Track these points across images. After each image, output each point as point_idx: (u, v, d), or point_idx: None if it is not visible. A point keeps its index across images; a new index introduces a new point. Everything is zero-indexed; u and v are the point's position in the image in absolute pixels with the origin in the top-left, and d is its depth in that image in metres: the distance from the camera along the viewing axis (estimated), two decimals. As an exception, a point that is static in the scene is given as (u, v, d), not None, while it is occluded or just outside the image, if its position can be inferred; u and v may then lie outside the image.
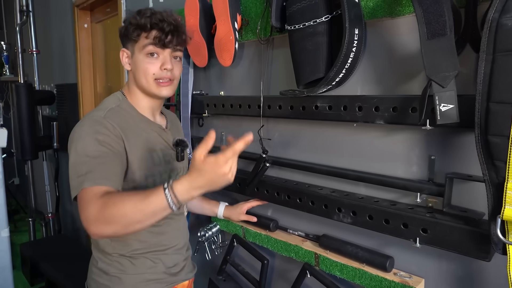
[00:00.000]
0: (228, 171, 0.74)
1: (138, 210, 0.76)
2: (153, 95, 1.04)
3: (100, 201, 0.79)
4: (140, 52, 0.99)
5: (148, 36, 0.97)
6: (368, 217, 0.98)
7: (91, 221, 0.78)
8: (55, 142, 2.97)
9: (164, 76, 1.00)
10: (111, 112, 0.98)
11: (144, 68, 0.99)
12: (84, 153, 0.88)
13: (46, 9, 3.24)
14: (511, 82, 0.68)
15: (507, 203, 0.71)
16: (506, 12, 0.68)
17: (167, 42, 0.98)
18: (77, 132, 0.92)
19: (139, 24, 0.97)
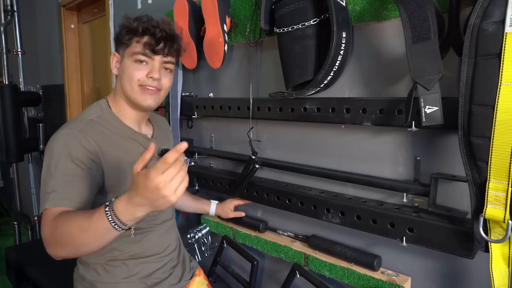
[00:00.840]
0: (163, 186, 0.62)
1: (82, 231, 0.72)
2: (137, 104, 0.99)
3: (52, 222, 0.78)
4: (129, 57, 0.96)
5: (139, 41, 0.95)
6: (356, 217, 1.00)
7: (46, 242, 0.78)
8: (41, 144, 2.91)
9: (149, 84, 0.96)
10: (89, 124, 0.94)
11: (130, 73, 0.96)
12: (54, 169, 0.85)
13: (32, 9, 3.19)
14: (492, 85, 0.70)
15: (489, 202, 0.74)
16: (486, 17, 0.70)
17: (157, 49, 0.95)
18: (51, 146, 0.89)
19: (131, 28, 0.95)
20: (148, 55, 0.96)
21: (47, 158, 0.88)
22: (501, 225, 0.74)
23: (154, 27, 0.94)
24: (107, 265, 1.01)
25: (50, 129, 3.05)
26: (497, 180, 0.72)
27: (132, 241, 1.01)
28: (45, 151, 0.90)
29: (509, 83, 0.68)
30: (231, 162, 1.47)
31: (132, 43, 0.96)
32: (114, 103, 1.02)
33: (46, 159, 0.88)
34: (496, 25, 0.69)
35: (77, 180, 0.86)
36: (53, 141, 0.90)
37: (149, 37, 0.95)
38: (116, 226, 0.70)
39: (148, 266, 1.05)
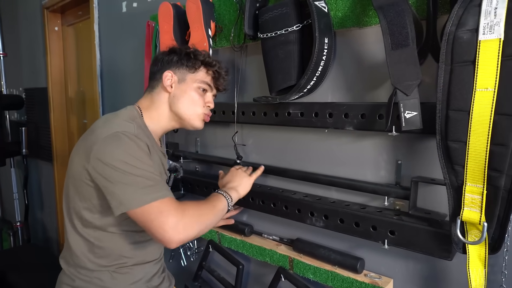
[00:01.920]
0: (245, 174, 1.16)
1: (212, 214, 0.95)
2: (187, 123, 1.07)
3: (180, 209, 0.86)
4: (195, 82, 1.05)
5: (208, 72, 1.07)
6: (340, 220, 1.01)
7: (176, 228, 0.83)
8: (24, 148, 2.86)
9: (207, 113, 1.09)
10: (138, 129, 0.95)
11: (196, 99, 1.05)
12: (139, 164, 0.85)
13: (14, 11, 3.13)
14: (467, 91, 0.72)
15: (465, 205, 0.76)
16: (461, 26, 0.72)
17: (219, 84, 1.10)
18: (117, 145, 0.86)
19: (205, 61, 1.06)
20: (211, 87, 1.09)
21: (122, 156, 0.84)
22: (477, 227, 0.76)
23: (220, 67, 1.09)
24: (115, 272, 1.00)
25: (33, 133, 3.00)
26: (473, 184, 0.74)
27: (139, 247, 1.02)
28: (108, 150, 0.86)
29: (483, 89, 0.71)
30: (216, 166, 1.47)
31: (200, 71, 1.06)
32: (150, 114, 1.04)
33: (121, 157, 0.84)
34: (471, 33, 0.71)
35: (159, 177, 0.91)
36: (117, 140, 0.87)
37: (215, 72, 1.08)
38: (229, 203, 1.04)
39: (149, 271, 1.07)
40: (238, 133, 1.33)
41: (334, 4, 1.01)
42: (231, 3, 1.27)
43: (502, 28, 0.68)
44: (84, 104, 2.61)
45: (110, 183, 0.84)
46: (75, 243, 0.98)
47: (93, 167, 0.87)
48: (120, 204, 0.84)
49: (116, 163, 0.84)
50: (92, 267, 0.98)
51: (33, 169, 3.17)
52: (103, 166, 0.85)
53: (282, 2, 1.03)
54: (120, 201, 0.84)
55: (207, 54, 1.09)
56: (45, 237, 3.22)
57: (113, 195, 0.85)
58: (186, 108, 1.04)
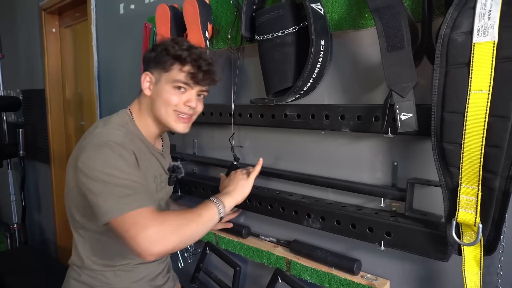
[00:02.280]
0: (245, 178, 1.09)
1: (196, 224, 0.87)
2: (169, 127, 1.00)
3: (157, 219, 0.81)
4: (168, 83, 0.96)
5: (182, 69, 0.95)
6: (336, 222, 1.01)
7: (152, 240, 0.78)
8: (21, 150, 2.85)
9: (185, 112, 0.98)
10: (126, 136, 0.94)
11: (167, 98, 0.96)
12: (119, 174, 0.84)
13: (12, 13, 3.13)
14: (462, 93, 0.73)
15: (460, 206, 0.76)
16: (456, 28, 0.73)
17: (199, 80, 0.96)
18: (98, 157, 0.86)
19: (177, 55, 0.94)
20: (189, 85, 0.97)
21: (102, 165, 0.84)
22: (472, 229, 0.76)
23: (199, 57, 0.95)
24: (119, 270, 1.01)
25: (30, 134, 2.99)
26: (468, 185, 0.74)
27: None
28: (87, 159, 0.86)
29: (477, 92, 0.71)
30: (214, 168, 1.47)
31: (173, 69, 0.95)
32: (139, 118, 1.02)
33: (100, 167, 0.84)
34: (465, 35, 0.72)
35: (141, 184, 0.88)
36: (100, 150, 0.86)
37: (192, 67, 0.94)
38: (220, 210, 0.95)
39: (153, 270, 1.08)
40: (235, 135, 1.33)
41: (330, 7, 1.01)
42: (228, 5, 1.27)
43: (496, 31, 0.68)
44: (81, 105, 2.61)
45: (92, 194, 0.84)
46: (80, 246, 1.00)
47: (79, 177, 0.88)
48: (102, 214, 0.83)
49: (95, 174, 0.84)
50: (97, 268, 1.00)
51: (30, 170, 3.16)
52: (86, 177, 0.86)
53: (278, 4, 1.04)
54: (101, 212, 0.83)
55: (184, 46, 0.96)
56: (42, 239, 3.20)
57: (95, 206, 0.85)
58: (159, 111, 0.98)
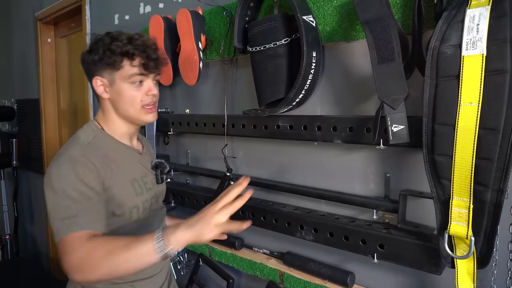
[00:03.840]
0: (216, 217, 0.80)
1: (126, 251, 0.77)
2: (139, 122, 1.01)
3: (86, 247, 0.78)
4: (125, 80, 0.94)
5: (133, 63, 0.93)
6: (329, 234, 1.00)
7: (75, 267, 0.77)
8: (14, 160, 2.83)
9: (150, 102, 0.98)
10: (88, 147, 0.93)
11: (131, 96, 0.95)
12: (66, 195, 0.84)
13: (7, 22, 3.13)
14: (452, 105, 0.73)
15: (453, 219, 0.75)
16: (445, 41, 0.73)
17: (152, 68, 0.96)
18: (54, 172, 0.87)
19: (123, 52, 0.92)
20: (144, 75, 0.96)
21: (52, 186, 0.85)
22: (465, 242, 0.76)
23: (145, 47, 0.94)
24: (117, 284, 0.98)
25: (25, 144, 2.97)
26: (459, 197, 0.74)
27: None
28: (48, 179, 0.86)
29: (467, 104, 0.71)
30: (207, 178, 1.46)
31: (124, 66, 0.94)
32: (106, 123, 1.01)
33: (51, 188, 0.85)
34: (454, 48, 0.72)
35: (93, 206, 0.86)
36: (56, 168, 0.87)
37: (142, 58, 0.94)
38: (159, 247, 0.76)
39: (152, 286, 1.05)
40: (228, 146, 1.33)
41: (322, 19, 1.02)
42: (222, 17, 1.28)
43: (485, 44, 0.69)
44: (76, 115, 2.60)
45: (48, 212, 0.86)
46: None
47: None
48: (55, 234, 0.84)
49: (47, 193, 0.86)
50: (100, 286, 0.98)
51: (24, 181, 3.13)
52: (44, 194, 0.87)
53: (270, 16, 1.04)
54: (54, 232, 0.84)
55: (124, 39, 0.93)
56: (35, 250, 3.16)
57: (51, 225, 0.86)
58: (126, 109, 0.97)
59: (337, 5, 0.98)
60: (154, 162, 1.18)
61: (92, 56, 0.95)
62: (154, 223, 1.05)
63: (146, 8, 1.69)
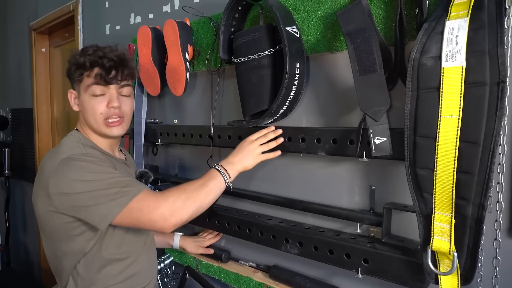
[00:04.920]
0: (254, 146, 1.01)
1: (203, 194, 0.91)
2: (105, 135, 1.01)
3: (166, 194, 0.87)
4: (85, 92, 0.96)
5: (89, 74, 0.95)
6: (314, 247, 0.98)
7: (169, 214, 0.84)
8: (6, 170, 2.81)
9: (112, 114, 0.97)
10: (86, 148, 0.95)
11: (91, 108, 0.96)
12: (99, 179, 0.86)
13: (3, 32, 3.14)
14: (433, 118, 0.72)
15: (435, 234, 0.74)
16: (425, 53, 0.72)
17: (110, 79, 0.95)
18: (67, 172, 0.86)
19: (79, 63, 0.94)
20: (102, 85, 0.96)
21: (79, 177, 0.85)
22: (448, 257, 0.74)
23: (101, 57, 0.94)
24: None
25: (18, 153, 2.95)
26: (441, 212, 0.72)
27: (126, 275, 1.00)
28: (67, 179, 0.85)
29: (448, 116, 0.70)
30: (195, 189, 1.44)
31: (83, 78, 0.96)
32: (85, 133, 1.03)
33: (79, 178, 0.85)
34: (434, 60, 0.71)
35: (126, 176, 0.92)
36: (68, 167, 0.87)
37: (98, 68, 0.94)
38: (226, 177, 0.96)
39: None
40: (216, 157, 1.31)
41: (306, 30, 1.01)
42: (209, 27, 1.27)
43: (464, 56, 0.68)
44: (69, 124, 2.59)
45: (83, 208, 0.85)
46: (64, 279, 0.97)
47: (59, 203, 0.86)
48: (101, 219, 0.85)
49: (76, 188, 0.85)
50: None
51: (17, 190, 3.11)
52: (67, 197, 0.85)
53: (255, 27, 1.04)
54: (100, 217, 0.85)
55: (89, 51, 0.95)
56: (27, 260, 3.12)
57: (91, 216, 0.86)
58: (90, 122, 0.98)
59: (321, 16, 0.98)
60: (138, 171, 1.18)
61: (68, 69, 0.99)
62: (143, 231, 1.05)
63: (136, 18, 1.69)
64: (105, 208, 0.84)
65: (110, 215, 0.84)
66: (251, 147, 1.00)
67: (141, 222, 0.85)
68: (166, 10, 1.52)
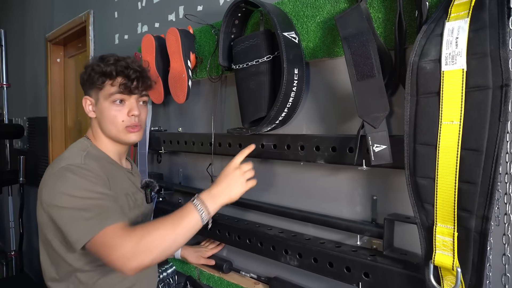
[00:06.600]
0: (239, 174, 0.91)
1: (174, 228, 0.81)
2: (123, 141, 1.02)
3: (132, 235, 0.79)
4: (106, 99, 0.97)
5: (113, 83, 0.96)
6: (313, 259, 0.94)
7: (130, 256, 0.77)
8: (21, 177, 2.87)
9: (133, 123, 0.99)
10: (87, 157, 0.93)
11: (112, 116, 0.97)
12: (85, 197, 0.84)
13: (21, 44, 3.25)
14: (433, 124, 0.68)
15: (437, 247, 0.69)
16: (424, 56, 0.69)
17: (133, 89, 0.98)
18: (61, 184, 0.85)
19: (104, 72, 0.95)
20: (125, 95, 0.98)
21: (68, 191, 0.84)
22: (452, 273, 0.69)
23: (127, 68, 0.96)
24: None
25: (33, 161, 3.02)
26: (443, 224, 0.68)
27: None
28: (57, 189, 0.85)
29: (449, 122, 0.66)
30: (198, 198, 1.42)
31: (105, 86, 0.97)
32: (96, 141, 1.03)
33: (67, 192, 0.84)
34: (433, 63, 0.68)
35: (113, 200, 0.88)
36: (64, 179, 0.86)
37: (122, 78, 0.96)
38: (203, 214, 0.85)
39: None
40: (218, 165, 1.29)
41: (305, 35, 0.99)
42: (211, 35, 1.27)
43: (464, 59, 0.64)
44: (81, 133, 2.63)
45: (63, 222, 0.84)
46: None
47: (48, 212, 0.87)
48: (74, 241, 0.83)
49: (62, 202, 0.84)
50: None
51: (32, 197, 3.17)
52: (55, 209, 0.85)
53: (253, 34, 1.02)
54: (73, 239, 0.83)
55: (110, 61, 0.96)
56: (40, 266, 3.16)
57: (67, 234, 0.84)
58: (108, 128, 0.99)
59: (320, 21, 0.96)
60: (144, 181, 1.18)
61: (83, 76, 1.00)
62: None
63: (143, 27, 1.71)
64: (79, 230, 0.82)
65: (81, 240, 0.81)
66: (236, 174, 0.91)
67: (102, 256, 0.80)
68: (171, 19, 1.53)
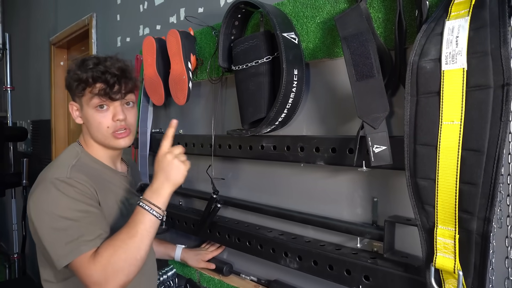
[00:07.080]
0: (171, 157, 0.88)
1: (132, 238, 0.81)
2: (112, 147, 0.99)
3: (97, 261, 0.79)
4: (89, 105, 0.93)
5: (92, 90, 0.91)
6: (313, 262, 0.93)
7: (103, 282, 0.77)
8: (24, 179, 2.88)
9: (119, 127, 0.95)
10: (74, 169, 0.90)
11: (97, 123, 0.94)
12: (64, 218, 0.82)
13: (25, 47, 3.27)
14: (434, 124, 0.67)
15: (438, 250, 0.68)
16: (424, 55, 0.68)
17: (114, 94, 0.92)
18: (44, 198, 0.84)
19: (81, 79, 0.90)
20: (109, 100, 0.93)
21: (48, 209, 0.83)
22: (453, 276, 0.67)
23: (104, 73, 0.90)
24: None
25: (36, 164, 3.03)
26: (444, 226, 0.67)
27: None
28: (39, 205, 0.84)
29: (449, 123, 0.65)
30: (199, 200, 1.42)
31: (86, 93, 0.92)
32: (88, 146, 1.00)
33: (46, 211, 0.83)
34: (434, 62, 0.67)
35: (96, 215, 0.86)
36: (47, 193, 0.85)
37: (101, 84, 0.91)
38: (154, 212, 0.84)
39: None
40: (218, 167, 1.29)
41: (305, 36, 0.98)
42: (211, 36, 1.27)
43: (465, 58, 0.63)
44: (83, 135, 2.64)
45: (44, 240, 0.83)
46: None
47: (32, 226, 0.86)
48: (56, 261, 0.82)
49: (41, 219, 0.83)
50: None
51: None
52: (36, 223, 0.84)
53: (253, 35, 1.02)
54: (55, 259, 0.82)
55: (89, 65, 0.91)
56: (43, 269, 3.16)
57: (50, 252, 0.83)
58: (95, 135, 0.96)
59: (320, 22, 0.95)
60: (139, 184, 1.16)
61: (65, 82, 0.97)
62: None
63: (145, 30, 1.72)
64: (57, 252, 0.81)
65: (60, 262, 0.81)
66: (168, 159, 0.88)
67: (80, 279, 0.80)
68: (172, 21, 1.53)
